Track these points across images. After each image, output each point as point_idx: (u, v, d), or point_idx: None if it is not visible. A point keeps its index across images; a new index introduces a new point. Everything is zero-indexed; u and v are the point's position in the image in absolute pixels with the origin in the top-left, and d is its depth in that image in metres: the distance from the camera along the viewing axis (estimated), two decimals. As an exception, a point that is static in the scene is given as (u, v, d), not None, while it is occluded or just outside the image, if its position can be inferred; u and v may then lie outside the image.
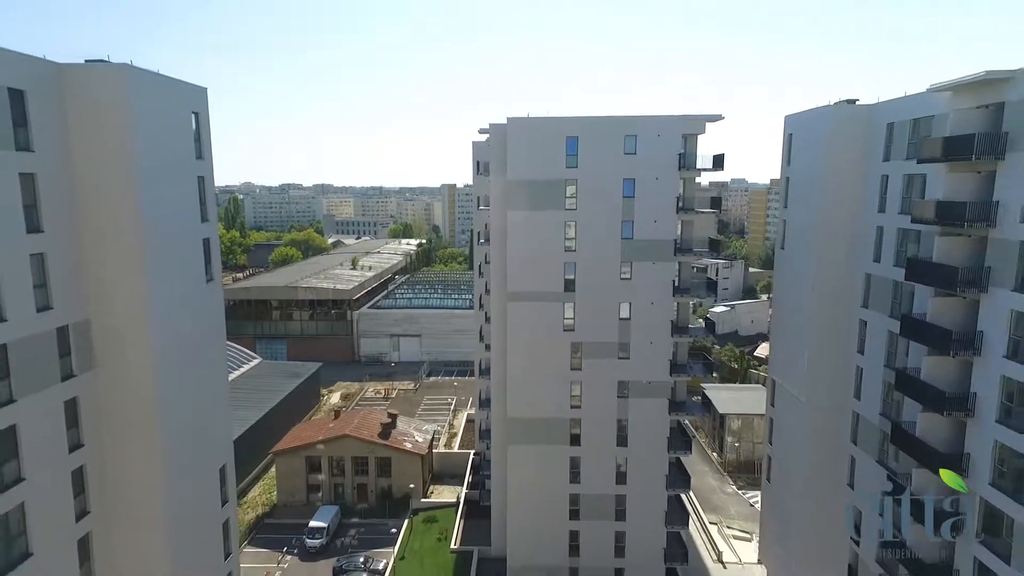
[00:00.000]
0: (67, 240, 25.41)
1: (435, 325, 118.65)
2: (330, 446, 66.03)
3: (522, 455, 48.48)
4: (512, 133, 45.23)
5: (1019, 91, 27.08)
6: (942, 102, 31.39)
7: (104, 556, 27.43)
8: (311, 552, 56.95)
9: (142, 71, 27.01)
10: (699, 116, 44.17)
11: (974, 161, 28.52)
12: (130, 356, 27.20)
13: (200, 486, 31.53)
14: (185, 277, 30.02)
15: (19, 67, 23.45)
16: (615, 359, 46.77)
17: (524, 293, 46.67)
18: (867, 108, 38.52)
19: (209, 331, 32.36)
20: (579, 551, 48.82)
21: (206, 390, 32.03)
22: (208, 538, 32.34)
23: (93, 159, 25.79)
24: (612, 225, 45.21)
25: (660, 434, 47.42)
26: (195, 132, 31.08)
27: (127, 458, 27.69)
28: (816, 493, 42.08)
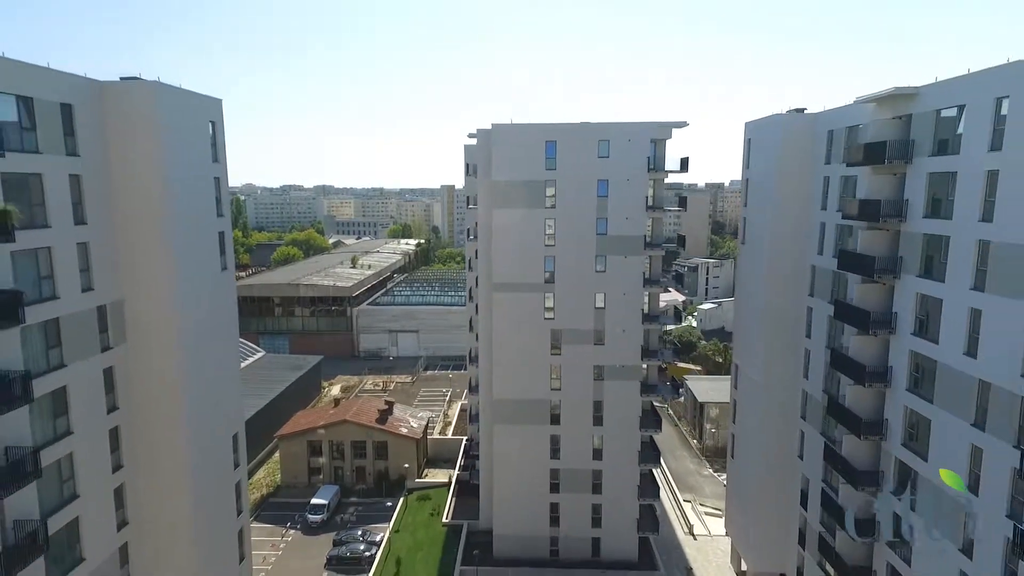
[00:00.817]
0: (105, 231, 29.77)
1: (432, 321, 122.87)
2: (330, 431, 70.35)
3: (507, 434, 52.76)
4: (496, 138, 49.61)
5: (924, 104, 31.45)
6: (868, 112, 35.74)
7: (135, 504, 31.78)
8: (313, 527, 61.24)
9: (168, 87, 31.41)
10: (666, 123, 48.55)
11: (888, 165, 32.89)
12: (157, 332, 31.53)
13: (216, 450, 35.88)
14: (204, 265, 34.37)
15: (68, 85, 27.83)
16: (591, 345, 51.06)
17: (508, 284, 50.98)
18: (813, 116, 42.91)
19: (223, 313, 36.72)
20: (559, 522, 53.08)
21: (221, 365, 36.40)
22: (223, 496, 36.67)
23: (127, 162, 30.14)
24: (588, 222, 49.52)
25: (632, 414, 51.69)
26: (212, 138, 35.45)
27: (154, 421, 32.01)
28: (771, 465, 46.43)
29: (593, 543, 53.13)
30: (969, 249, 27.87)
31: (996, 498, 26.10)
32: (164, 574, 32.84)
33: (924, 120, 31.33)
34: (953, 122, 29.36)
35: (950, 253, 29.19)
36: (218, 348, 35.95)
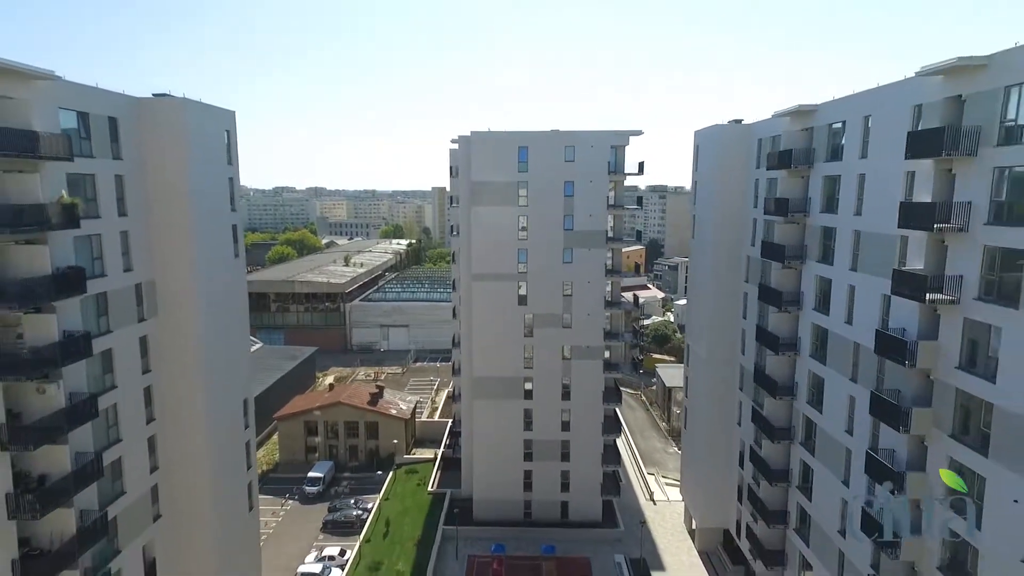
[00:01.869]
0: (141, 222, 35.73)
1: (421, 316, 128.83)
2: (326, 412, 76.36)
3: (485, 408, 58.96)
4: (475, 144, 55.92)
5: (821, 119, 38.02)
6: (784, 124, 42.29)
7: (164, 452, 37.72)
8: (310, 497, 67.23)
9: (192, 102, 37.47)
10: (623, 131, 55.02)
11: (795, 169, 39.46)
12: (182, 308, 37.48)
13: (229, 411, 41.88)
14: (220, 252, 40.39)
15: (114, 101, 33.84)
16: (560, 328, 57.37)
17: (486, 275, 57.21)
18: (748, 127, 49.47)
19: (235, 294, 42.79)
20: (532, 487, 59.31)
21: (233, 338, 42.45)
22: (235, 451, 42.69)
23: (159, 165, 36.10)
24: (556, 219, 55.85)
25: (596, 389, 58.02)
26: (227, 144, 41.51)
27: (179, 383, 37.94)
28: (715, 432, 52.95)
29: (562, 506, 59.39)
30: (848, 237, 34.42)
31: (863, 436, 32.61)
32: (186, 514, 38.78)
33: (821, 132, 37.92)
34: (839, 134, 35.92)
35: (837, 241, 35.75)
36: (231, 323, 42.04)
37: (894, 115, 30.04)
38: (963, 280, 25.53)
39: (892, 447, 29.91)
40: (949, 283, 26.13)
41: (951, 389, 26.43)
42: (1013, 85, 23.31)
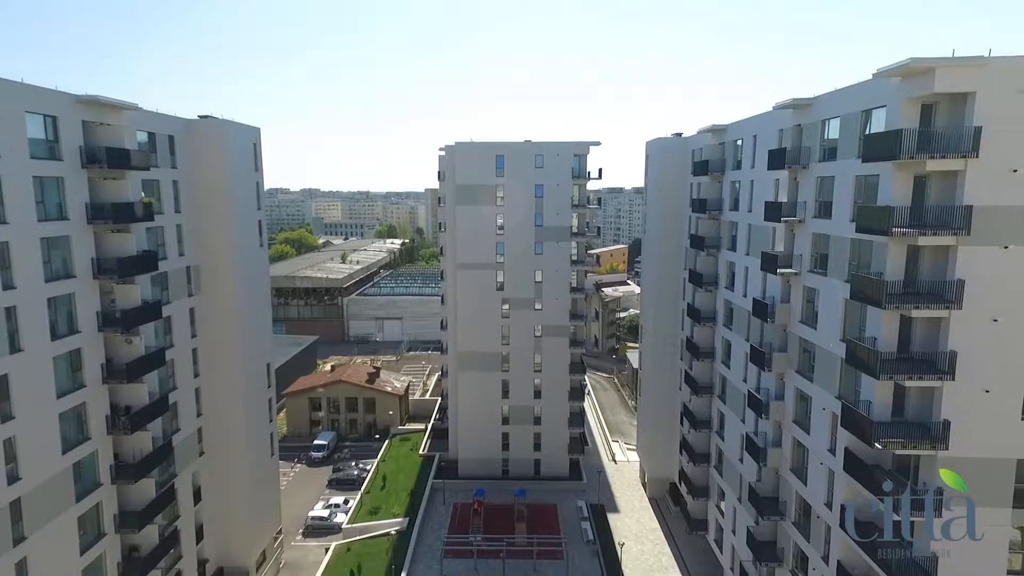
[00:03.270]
0: (191, 218, 45.22)
1: (414, 309, 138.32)
2: (328, 389, 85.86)
3: (468, 379, 68.56)
4: (459, 152, 65.60)
5: (729, 135, 47.92)
6: (706, 138, 52.17)
7: (206, 402, 47.16)
8: (316, 461, 76.75)
9: (229, 122, 46.95)
10: (584, 142, 64.85)
11: (712, 175, 49.39)
12: (221, 286, 46.92)
13: (256, 371, 51.35)
14: (249, 242, 49.86)
15: (172, 122, 43.31)
16: (532, 310, 67.06)
17: (468, 264, 66.83)
18: (685, 139, 59.32)
19: (260, 276, 52.35)
20: (509, 447, 68.97)
21: (258, 312, 51.98)
22: (260, 405, 52.18)
23: (205, 171, 45.55)
24: (528, 216, 65.52)
25: (564, 363, 67.74)
26: (253, 154, 51.02)
27: (218, 347, 47.34)
28: (662, 396, 62.78)
29: (535, 463, 69.11)
30: (745, 230, 44.29)
31: (752, 382, 42.50)
32: (223, 452, 48.22)
33: (729, 147, 47.85)
34: (740, 149, 45.83)
35: (738, 233, 45.65)
36: (258, 300, 51.65)
37: (769, 136, 39.92)
38: (802, 257, 35.43)
39: (766, 386, 39.81)
40: (795, 260, 36.05)
41: (796, 338, 36.31)
42: (827, 118, 33.20)
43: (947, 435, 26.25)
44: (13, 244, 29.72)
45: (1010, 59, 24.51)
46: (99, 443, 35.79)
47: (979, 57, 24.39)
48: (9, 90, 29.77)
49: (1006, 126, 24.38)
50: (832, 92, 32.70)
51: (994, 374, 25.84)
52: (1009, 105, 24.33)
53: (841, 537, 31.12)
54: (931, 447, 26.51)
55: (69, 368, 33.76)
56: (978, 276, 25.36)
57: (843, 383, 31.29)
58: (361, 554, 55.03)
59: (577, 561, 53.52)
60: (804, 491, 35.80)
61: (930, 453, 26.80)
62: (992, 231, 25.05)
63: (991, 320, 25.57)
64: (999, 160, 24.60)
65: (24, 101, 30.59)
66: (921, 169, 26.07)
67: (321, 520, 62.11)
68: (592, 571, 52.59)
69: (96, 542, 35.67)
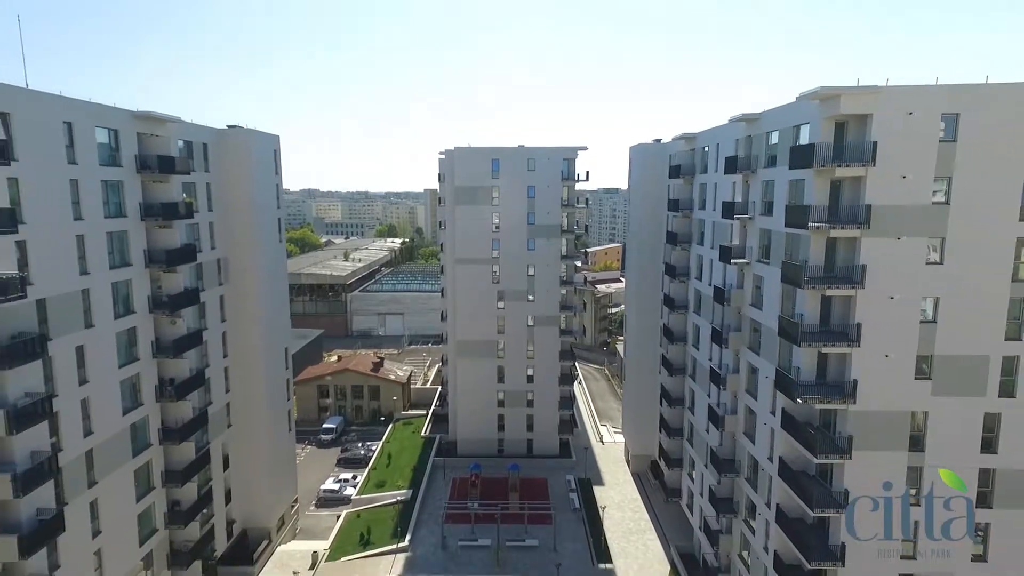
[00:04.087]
0: (221, 215, 51.09)
1: (415, 305, 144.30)
2: (336, 377, 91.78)
3: (467, 365, 74.48)
4: (457, 156, 71.54)
5: (699, 143, 53.88)
6: (680, 144, 58.12)
7: (233, 380, 53.04)
8: (325, 443, 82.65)
9: (255, 132, 52.85)
10: (572, 147, 70.86)
11: (684, 178, 55.40)
12: (246, 277, 52.80)
13: (276, 354, 57.22)
14: (270, 238, 55.74)
15: (206, 132, 49.21)
16: (525, 301, 73.01)
17: (467, 259, 72.76)
18: (663, 144, 65.28)
19: (279, 268, 58.21)
20: (504, 428, 74.92)
21: (277, 300, 57.87)
22: (278, 384, 58.02)
23: (232, 175, 51.43)
24: (521, 215, 71.49)
25: (554, 350, 73.70)
26: (274, 159, 56.91)
27: (244, 331, 53.21)
28: (643, 379, 68.73)
29: (528, 442, 75.06)
30: (711, 226, 50.28)
31: (715, 360, 48.47)
32: (248, 425, 54.07)
33: (698, 153, 53.85)
34: (706, 155, 51.81)
35: (706, 230, 51.64)
36: (277, 290, 57.58)
37: (727, 144, 45.90)
38: (752, 249, 41.42)
39: (725, 362, 45.83)
40: (747, 252, 42.04)
41: (748, 319, 42.31)
42: (770, 131, 39.20)
43: (855, 392, 32.27)
44: (87, 237, 35.62)
45: (899, 87, 30.52)
46: (150, 409, 41.71)
47: (875, 86, 30.39)
48: (84, 108, 35.66)
49: (896, 141, 30.39)
50: (773, 108, 38.69)
51: (891, 342, 31.86)
52: (898, 124, 30.33)
53: (779, 484, 37.09)
54: (843, 402, 32.53)
55: (128, 343, 39.66)
56: (877, 262, 31.38)
57: (781, 354, 37.26)
58: (370, 520, 60.94)
59: (564, 525, 59.48)
60: (753, 450, 41.78)
61: (842, 407, 32.80)
62: (888, 225, 31.06)
63: (888, 298, 31.58)
64: (891, 168, 30.61)
65: (95, 117, 36.51)
66: (833, 175, 32.06)
67: (332, 493, 67.99)
68: (577, 533, 58.57)
69: (147, 493, 41.57)
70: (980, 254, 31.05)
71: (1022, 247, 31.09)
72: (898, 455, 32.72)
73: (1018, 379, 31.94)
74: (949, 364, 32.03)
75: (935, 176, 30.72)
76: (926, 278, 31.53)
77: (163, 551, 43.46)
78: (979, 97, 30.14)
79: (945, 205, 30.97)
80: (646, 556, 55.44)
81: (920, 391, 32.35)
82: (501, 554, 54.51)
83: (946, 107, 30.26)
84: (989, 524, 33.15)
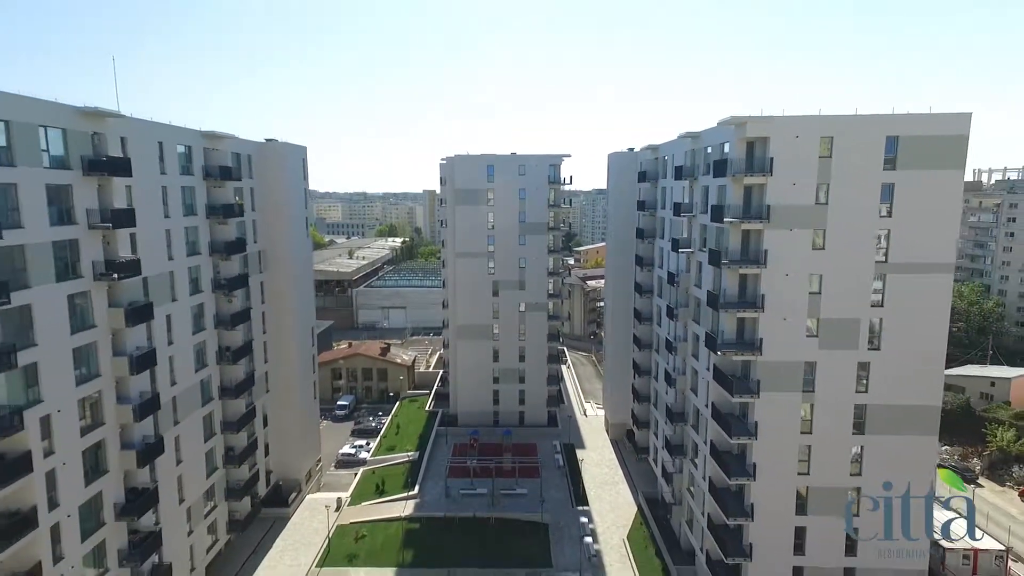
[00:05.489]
0: (262, 215, 61.26)
1: (417, 299, 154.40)
2: (347, 361, 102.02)
3: (465, 347, 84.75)
4: (456, 162, 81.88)
5: (662, 152, 64.23)
6: (648, 153, 68.49)
7: (271, 352, 63.26)
8: (339, 418, 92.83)
9: (288, 144, 63.08)
10: (558, 155, 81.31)
11: (651, 183, 65.82)
12: (281, 266, 62.99)
13: (304, 334, 67.43)
14: (299, 233, 65.96)
15: (249, 145, 59.40)
16: (517, 289, 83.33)
17: (466, 253, 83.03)
18: (636, 153, 75.64)
19: (306, 260, 68.50)
20: (499, 401, 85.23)
21: (305, 287, 68.14)
22: (307, 359, 68.21)
23: (270, 181, 61.63)
24: (513, 214, 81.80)
25: (543, 333, 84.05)
26: (302, 167, 67.12)
27: (279, 313, 63.39)
28: (620, 356, 79.13)
29: (520, 414, 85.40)
30: (668, 224, 60.61)
31: (670, 333, 58.81)
32: (282, 392, 64.25)
33: (661, 161, 64.26)
34: (668, 163, 62.16)
35: (664, 226, 61.95)
36: (305, 278, 67.88)
37: (680, 155, 56.26)
38: (695, 240, 51.80)
39: (677, 334, 56.21)
40: (692, 243, 52.43)
41: (692, 296, 52.67)
42: (707, 146, 49.55)
43: (762, 347, 42.63)
44: (172, 231, 45.83)
45: (789, 117, 40.91)
46: (212, 370, 51.94)
47: (770, 116, 40.77)
48: (169, 130, 45.85)
49: (787, 157, 40.75)
50: (708, 129, 49.05)
51: (786, 308, 42.21)
52: (788, 145, 40.71)
53: (712, 424, 47.43)
54: (752, 355, 42.90)
55: (197, 315, 49.86)
56: (776, 247, 41.72)
57: (712, 321, 47.59)
58: (383, 475, 71.20)
59: (549, 479, 69.78)
60: (696, 401, 52.15)
61: (752, 359, 43.17)
62: (783, 220, 41.42)
63: (784, 275, 41.95)
64: (785, 177, 40.97)
65: (176, 136, 46.74)
66: (744, 182, 42.43)
67: (349, 456, 78.22)
68: (560, 485, 68.92)
69: (210, 438, 51.80)
70: (851, 242, 41.40)
71: (880, 236, 41.48)
72: (794, 395, 43.07)
73: (882, 336, 42.27)
74: (830, 325, 42.37)
75: (817, 183, 41.06)
76: (812, 260, 41.87)
77: (222, 486, 53.78)
78: (845, 125, 40.56)
79: (825, 205, 41.31)
80: (616, 500, 65.80)
81: (810, 346, 42.68)
82: (496, 499, 64.77)
83: (823, 132, 40.65)
84: (863, 447, 43.48)
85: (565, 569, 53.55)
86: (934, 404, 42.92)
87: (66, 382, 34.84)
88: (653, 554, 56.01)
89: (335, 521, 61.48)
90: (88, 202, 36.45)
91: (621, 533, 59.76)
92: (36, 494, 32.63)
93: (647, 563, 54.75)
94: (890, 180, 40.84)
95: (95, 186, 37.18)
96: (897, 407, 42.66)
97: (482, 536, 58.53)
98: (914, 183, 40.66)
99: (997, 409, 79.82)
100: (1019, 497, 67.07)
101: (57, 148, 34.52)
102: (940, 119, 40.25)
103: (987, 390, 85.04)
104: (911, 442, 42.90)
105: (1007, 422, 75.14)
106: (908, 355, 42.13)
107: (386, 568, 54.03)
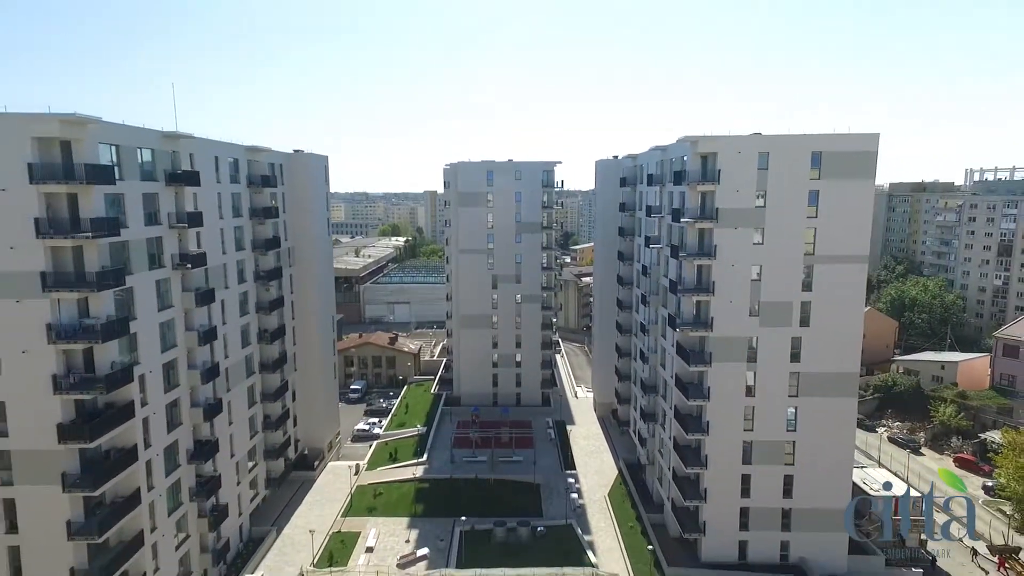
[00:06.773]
0: (291, 216, 70.52)
1: (420, 295, 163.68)
2: (359, 350, 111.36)
3: (467, 335, 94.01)
4: (459, 168, 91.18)
5: (640, 160, 73.42)
6: (628, 161, 77.68)
7: (298, 337, 72.46)
8: (352, 400, 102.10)
9: (312, 155, 72.26)
10: (551, 162, 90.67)
11: (631, 188, 75.05)
12: (306, 261, 72.19)
13: (327, 320, 76.67)
14: (322, 232, 75.18)
15: (281, 156, 68.55)
16: (514, 283, 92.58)
17: (467, 249, 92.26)
18: (619, 160, 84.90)
19: (327, 255, 77.78)
20: (497, 384, 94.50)
21: (327, 280, 77.43)
22: (328, 343, 77.45)
23: (297, 187, 70.77)
24: (510, 215, 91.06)
25: (537, 322, 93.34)
26: (324, 173, 76.28)
27: (305, 301, 72.57)
28: (605, 340, 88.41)
29: (517, 395, 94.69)
30: (643, 223, 69.82)
31: (646, 318, 68.14)
32: (307, 370, 73.44)
33: (639, 168, 73.48)
34: (644, 170, 71.36)
35: (641, 226, 71.15)
36: (327, 271, 77.17)
37: (652, 165, 65.45)
38: (663, 237, 61.00)
39: (650, 318, 65.44)
40: (661, 239, 61.64)
41: (661, 286, 61.89)
42: (671, 157, 58.69)
43: (713, 325, 51.85)
44: (224, 230, 55.04)
45: (732, 136, 50.13)
46: (254, 348, 61.22)
47: (717, 136, 49.99)
48: (222, 145, 55.05)
49: (732, 168, 49.95)
50: (672, 144, 58.28)
51: (732, 292, 51.42)
52: (732, 159, 49.91)
53: (675, 392, 56.62)
54: (706, 331, 52.14)
55: (243, 302, 59.09)
56: (724, 243, 50.91)
57: (675, 304, 56.78)
58: (396, 446, 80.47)
59: (542, 450, 79.07)
60: (664, 373, 61.39)
61: (705, 334, 52.40)
62: (729, 220, 50.63)
63: (731, 265, 51.17)
64: (730, 185, 50.17)
65: (227, 150, 55.94)
66: (698, 189, 51.66)
67: (364, 431, 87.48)
68: (551, 453, 78.21)
69: (252, 406, 61.05)
70: (785, 238, 50.59)
71: (808, 233, 50.69)
72: (740, 365, 52.26)
73: (811, 315, 51.48)
74: (769, 307, 51.56)
75: (756, 190, 50.27)
76: (753, 253, 51.05)
77: (261, 447, 63.10)
78: (778, 142, 49.80)
79: (763, 208, 50.51)
80: (601, 466, 75.12)
81: (752, 324, 51.88)
82: (494, 464, 74.02)
83: (760, 148, 49.86)
84: (797, 407, 52.67)
85: (553, 518, 62.77)
86: (852, 371, 52.20)
87: (155, 349, 44.09)
88: (629, 506, 65.31)
89: (355, 483, 70.72)
90: (168, 207, 45.71)
91: (603, 491, 69.04)
92: (137, 435, 41.81)
93: (623, 512, 64.03)
94: (816, 187, 50.07)
95: (173, 194, 46.44)
96: (823, 374, 51.90)
97: (482, 493, 67.74)
98: (835, 190, 49.90)
99: (943, 389, 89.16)
100: (953, 463, 76.38)
101: (148, 164, 43.77)
102: (854, 138, 49.52)
103: (938, 373, 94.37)
104: (835, 403, 52.16)
105: (949, 400, 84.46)
106: (831, 331, 51.35)
107: (401, 517, 63.27)
